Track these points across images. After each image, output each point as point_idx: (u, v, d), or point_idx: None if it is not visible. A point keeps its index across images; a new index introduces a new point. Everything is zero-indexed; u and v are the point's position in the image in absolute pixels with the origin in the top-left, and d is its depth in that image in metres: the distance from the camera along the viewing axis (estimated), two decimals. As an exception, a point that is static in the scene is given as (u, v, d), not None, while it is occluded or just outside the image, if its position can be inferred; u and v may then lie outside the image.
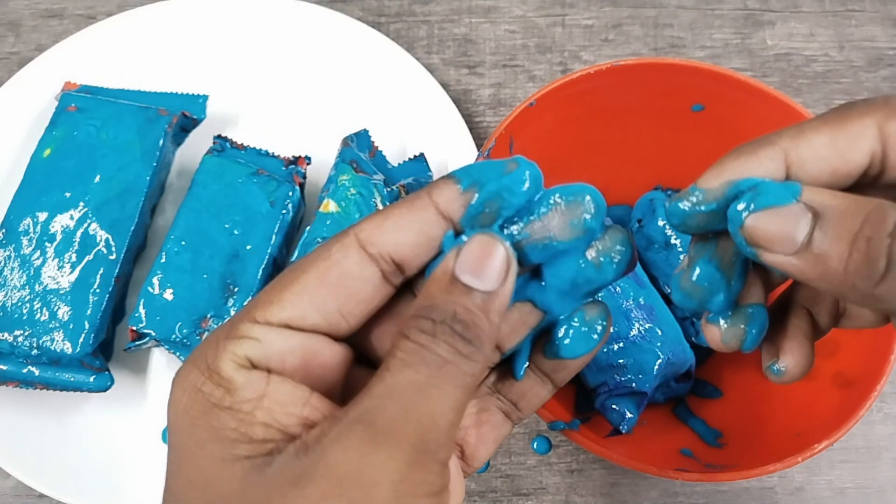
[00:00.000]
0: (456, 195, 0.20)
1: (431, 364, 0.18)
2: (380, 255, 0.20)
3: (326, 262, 0.20)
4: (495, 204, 0.20)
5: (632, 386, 0.37)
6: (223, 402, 0.19)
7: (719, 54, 0.55)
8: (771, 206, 0.19)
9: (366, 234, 0.20)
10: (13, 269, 0.42)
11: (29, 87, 0.50)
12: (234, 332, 0.20)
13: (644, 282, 0.39)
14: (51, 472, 0.42)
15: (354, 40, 0.52)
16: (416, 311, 0.19)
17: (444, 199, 0.21)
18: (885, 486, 0.44)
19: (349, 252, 0.20)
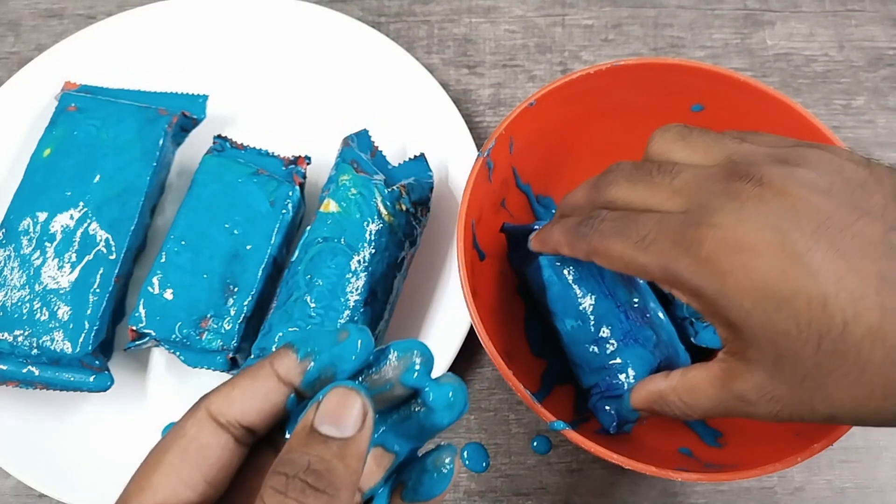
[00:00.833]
0: (294, 363, 0.22)
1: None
2: (229, 424, 0.22)
3: (184, 439, 0.22)
4: (330, 370, 0.22)
5: (624, 388, 0.37)
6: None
7: (719, 54, 0.55)
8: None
9: (215, 406, 0.22)
10: (13, 269, 0.42)
11: (29, 87, 0.50)
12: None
13: (637, 283, 0.39)
14: (51, 472, 0.42)
15: (354, 40, 0.52)
16: (274, 467, 0.20)
17: (283, 368, 0.22)
18: (885, 486, 0.44)
19: (202, 425, 0.22)
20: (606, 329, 0.38)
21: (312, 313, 0.40)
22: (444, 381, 0.24)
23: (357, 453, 0.21)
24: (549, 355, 0.43)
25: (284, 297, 0.41)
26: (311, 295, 0.40)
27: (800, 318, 0.24)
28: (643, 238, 0.27)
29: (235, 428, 0.22)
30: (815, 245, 0.24)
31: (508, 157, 0.41)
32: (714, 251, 0.25)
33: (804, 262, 0.24)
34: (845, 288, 0.23)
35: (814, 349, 0.24)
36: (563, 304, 0.38)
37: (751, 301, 0.25)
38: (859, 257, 0.24)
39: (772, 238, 0.24)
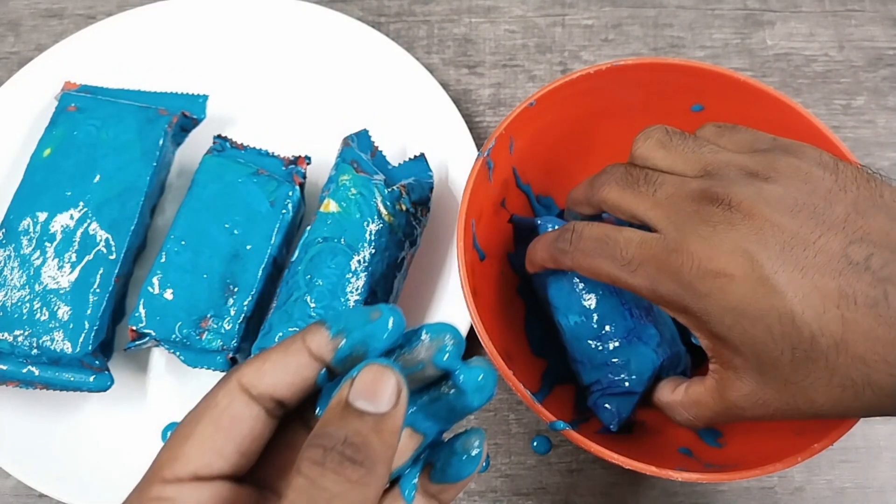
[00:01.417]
0: (326, 340, 0.23)
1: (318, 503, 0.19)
2: (260, 396, 0.22)
3: (216, 410, 0.22)
4: (361, 348, 0.23)
5: (625, 385, 0.37)
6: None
7: (719, 54, 0.55)
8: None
9: (247, 378, 0.22)
10: (13, 269, 0.42)
11: (29, 87, 0.50)
12: (147, 495, 0.20)
13: None
14: (51, 472, 0.42)
15: (354, 40, 0.52)
16: (310, 439, 0.20)
17: (315, 344, 0.23)
18: (886, 486, 0.44)
19: (234, 397, 0.22)
20: (610, 326, 0.38)
21: (312, 313, 0.40)
22: (475, 364, 0.24)
23: (392, 429, 0.21)
24: (549, 355, 0.43)
25: (284, 297, 0.41)
26: (312, 295, 0.40)
27: (773, 332, 0.27)
28: (629, 262, 0.30)
29: (266, 400, 0.22)
30: (781, 267, 0.27)
31: (508, 157, 0.41)
32: (693, 277, 0.28)
33: (772, 283, 0.27)
34: (810, 305, 0.26)
35: (789, 358, 0.27)
36: (567, 299, 0.38)
37: (731, 318, 0.28)
38: (821, 275, 0.26)
39: (742, 263, 0.27)
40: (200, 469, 0.21)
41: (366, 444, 0.20)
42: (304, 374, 0.22)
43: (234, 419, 0.22)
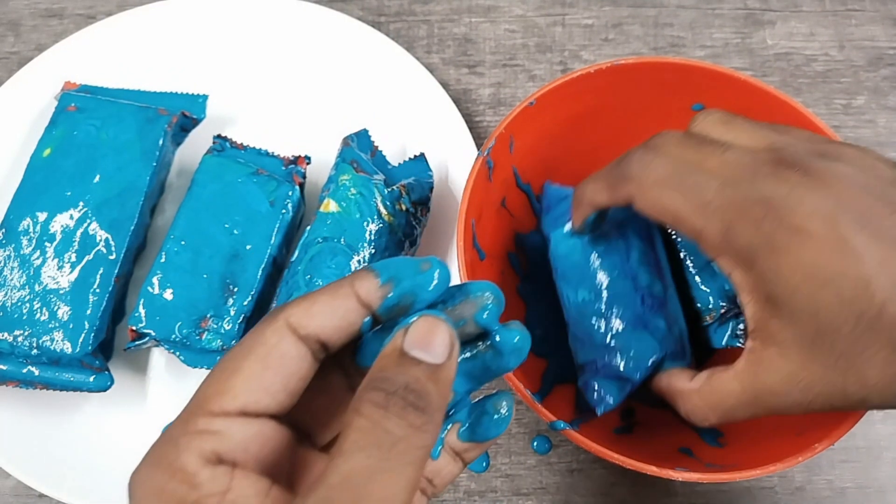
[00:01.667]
0: (375, 287, 0.23)
1: (383, 445, 0.19)
2: (307, 337, 0.22)
3: (264, 347, 0.22)
4: (409, 298, 0.23)
5: (620, 370, 0.36)
6: (188, 497, 0.19)
7: (719, 54, 0.55)
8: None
9: (295, 318, 0.22)
10: (13, 269, 0.42)
11: (29, 87, 0.50)
12: (193, 427, 0.21)
13: (664, 271, 0.39)
14: (51, 472, 0.42)
15: (354, 40, 0.52)
16: (369, 383, 0.20)
17: (363, 290, 0.23)
18: (886, 486, 0.44)
19: (283, 335, 0.22)
20: (618, 308, 0.37)
21: (312, 313, 0.40)
22: (513, 326, 0.24)
23: (447, 379, 0.21)
24: (549, 355, 0.43)
25: (284, 297, 0.41)
26: (311, 295, 0.40)
27: (843, 297, 0.26)
28: (707, 203, 0.28)
29: (312, 342, 0.22)
30: (858, 232, 0.26)
31: (509, 156, 0.41)
32: (774, 229, 0.27)
33: (850, 246, 0.26)
34: (885, 271, 0.26)
35: (852, 326, 0.26)
36: (580, 273, 0.38)
37: (799, 277, 0.27)
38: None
39: (822, 223, 0.26)
40: (248, 405, 0.21)
41: (425, 391, 0.20)
42: (350, 319, 0.22)
43: (283, 358, 0.22)
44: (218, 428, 0.20)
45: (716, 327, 0.43)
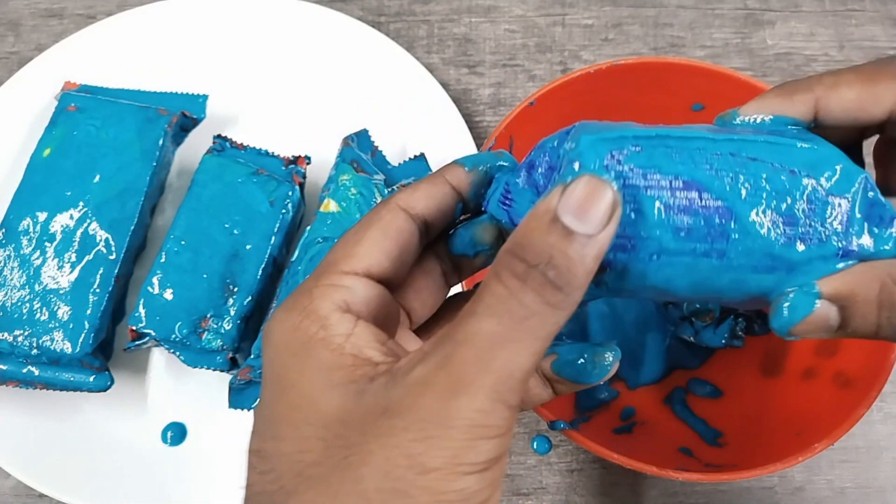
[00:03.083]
0: (464, 173, 0.25)
1: (515, 316, 0.19)
2: (416, 216, 0.25)
3: (382, 221, 0.24)
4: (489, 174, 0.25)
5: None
6: (318, 335, 0.22)
7: (719, 54, 0.55)
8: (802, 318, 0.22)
9: (404, 200, 0.25)
10: (13, 269, 0.42)
11: (29, 87, 0.50)
12: (325, 281, 0.23)
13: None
14: (51, 472, 0.42)
15: (354, 40, 0.52)
16: (511, 248, 0.20)
17: (455, 178, 0.25)
18: (886, 486, 0.44)
19: (396, 213, 0.24)
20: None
21: (312, 313, 0.40)
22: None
23: (598, 255, 0.20)
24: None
25: (284, 297, 0.41)
26: (311, 295, 0.40)
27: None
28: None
29: (419, 220, 0.25)
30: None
31: (508, 156, 0.41)
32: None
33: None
34: None
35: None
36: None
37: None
38: None
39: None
40: (371, 267, 0.23)
41: (569, 268, 0.19)
42: (447, 202, 0.25)
43: (398, 230, 0.24)
44: (347, 284, 0.23)
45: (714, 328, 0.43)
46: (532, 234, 0.20)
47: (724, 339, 0.43)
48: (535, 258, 0.19)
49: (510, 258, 0.20)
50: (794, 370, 0.41)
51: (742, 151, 0.22)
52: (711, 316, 0.42)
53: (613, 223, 0.20)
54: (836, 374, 0.38)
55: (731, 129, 0.24)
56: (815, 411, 0.37)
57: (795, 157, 0.22)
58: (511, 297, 0.19)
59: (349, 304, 0.22)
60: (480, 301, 0.20)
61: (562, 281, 0.19)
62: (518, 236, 0.20)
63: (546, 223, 0.20)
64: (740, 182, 0.22)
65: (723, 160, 0.22)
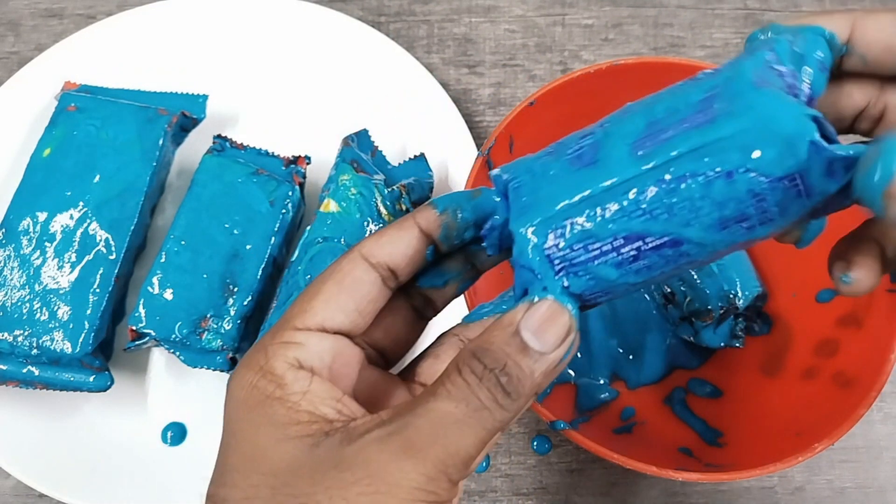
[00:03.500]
0: (434, 216, 0.25)
1: (470, 404, 0.21)
2: (379, 265, 0.25)
3: (340, 273, 0.25)
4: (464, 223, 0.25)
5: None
6: (275, 394, 0.22)
7: (719, 54, 0.55)
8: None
9: (367, 249, 0.25)
10: (13, 269, 0.42)
11: (29, 87, 0.50)
12: (281, 339, 0.24)
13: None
14: (51, 472, 0.42)
15: (354, 40, 0.52)
16: (474, 349, 0.22)
17: (424, 221, 0.25)
18: (886, 486, 0.44)
19: (356, 263, 0.25)
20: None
21: (312, 313, 0.40)
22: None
23: (546, 371, 0.22)
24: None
25: (284, 297, 0.41)
26: (311, 295, 0.40)
27: None
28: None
29: (383, 269, 0.25)
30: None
31: (508, 156, 0.41)
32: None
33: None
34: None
35: None
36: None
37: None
38: None
39: None
40: (325, 321, 0.24)
41: (519, 380, 0.22)
42: (415, 247, 0.25)
43: (356, 281, 0.24)
44: (300, 340, 0.23)
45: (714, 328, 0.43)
46: (494, 341, 0.22)
47: (724, 339, 0.43)
48: (492, 363, 0.22)
49: (471, 358, 0.22)
50: (794, 370, 0.41)
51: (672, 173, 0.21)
52: (711, 316, 0.42)
53: (565, 346, 0.22)
54: (836, 374, 0.38)
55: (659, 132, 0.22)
56: (815, 411, 0.37)
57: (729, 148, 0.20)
58: (468, 389, 0.21)
59: (302, 361, 0.23)
60: (442, 385, 0.22)
61: (510, 388, 0.21)
62: (482, 340, 0.22)
63: (508, 334, 0.22)
64: (678, 212, 0.21)
65: (654, 198, 0.21)
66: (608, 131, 0.23)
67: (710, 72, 0.23)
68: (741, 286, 0.42)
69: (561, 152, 0.24)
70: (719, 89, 0.21)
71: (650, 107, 0.23)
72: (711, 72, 0.23)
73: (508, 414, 0.22)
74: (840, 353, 0.39)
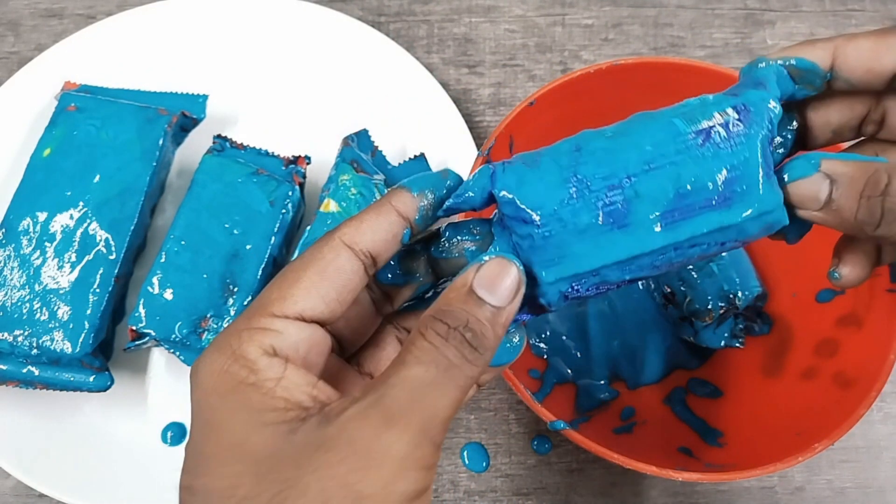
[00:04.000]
0: (410, 199, 0.25)
1: (440, 365, 0.22)
2: (362, 252, 0.25)
3: (322, 262, 0.24)
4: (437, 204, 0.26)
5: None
6: (248, 379, 0.22)
7: (719, 54, 0.55)
8: (800, 177, 0.25)
9: (347, 236, 0.25)
10: (13, 269, 0.42)
11: (29, 87, 0.50)
12: (256, 324, 0.23)
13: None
14: (51, 472, 0.42)
15: (354, 40, 0.52)
16: (434, 313, 0.23)
17: (401, 204, 0.25)
18: (886, 486, 0.44)
19: (339, 252, 0.24)
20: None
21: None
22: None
23: (504, 323, 0.24)
24: (549, 355, 0.43)
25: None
26: (311, 295, 0.40)
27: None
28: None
29: (366, 256, 0.25)
30: None
31: (508, 156, 0.41)
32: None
33: None
34: None
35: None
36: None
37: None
38: None
39: None
40: (305, 310, 0.24)
41: (482, 333, 0.23)
42: (394, 231, 0.25)
43: (339, 271, 0.24)
44: (278, 328, 0.23)
45: (714, 328, 0.43)
46: (452, 302, 0.23)
47: (724, 339, 0.43)
48: (454, 322, 0.23)
49: (433, 321, 0.23)
50: (794, 370, 0.41)
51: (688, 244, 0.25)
52: (711, 316, 0.42)
53: (518, 297, 0.24)
54: (836, 374, 0.38)
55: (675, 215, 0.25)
56: (815, 411, 0.37)
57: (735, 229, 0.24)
58: (436, 351, 0.22)
59: (277, 349, 0.23)
60: (409, 353, 0.22)
61: (476, 342, 0.23)
62: (440, 303, 0.23)
63: (464, 294, 0.23)
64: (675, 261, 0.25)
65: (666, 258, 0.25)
66: (638, 190, 0.24)
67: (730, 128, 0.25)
68: (741, 286, 0.42)
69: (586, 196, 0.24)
70: (739, 172, 0.24)
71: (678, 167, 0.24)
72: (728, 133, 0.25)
73: (477, 368, 0.23)
74: (840, 353, 0.39)
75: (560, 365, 0.43)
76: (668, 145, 0.25)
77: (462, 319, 0.23)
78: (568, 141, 0.26)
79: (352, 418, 0.21)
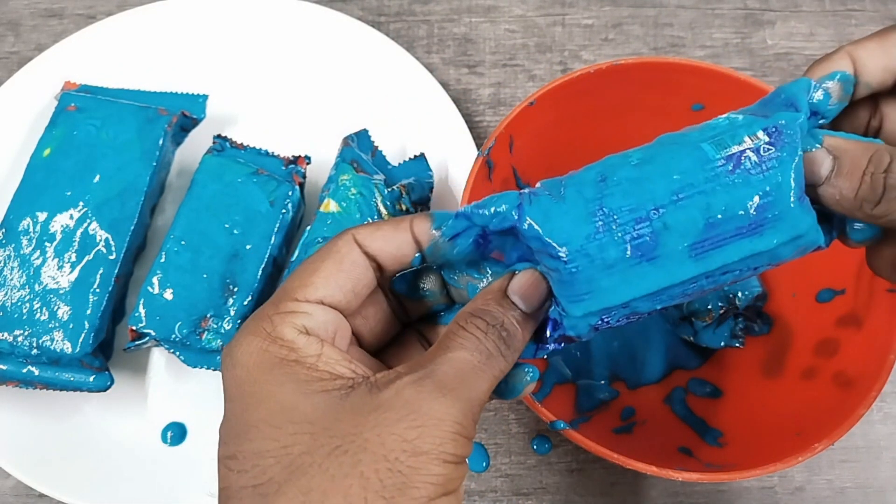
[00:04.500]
0: (428, 228, 0.27)
1: (483, 353, 0.24)
2: (368, 254, 0.26)
3: (339, 255, 0.26)
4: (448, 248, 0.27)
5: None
6: (290, 356, 0.24)
7: (719, 54, 0.55)
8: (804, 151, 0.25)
9: (360, 236, 0.26)
10: (13, 269, 0.42)
11: (29, 87, 0.50)
12: (285, 308, 0.25)
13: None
14: (51, 472, 0.42)
15: (354, 40, 0.52)
16: (473, 311, 0.25)
17: (419, 229, 0.27)
18: (886, 486, 0.44)
19: (353, 247, 0.26)
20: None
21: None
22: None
23: (531, 328, 0.26)
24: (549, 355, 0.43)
25: (284, 297, 0.41)
26: (311, 295, 0.40)
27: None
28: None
29: (372, 259, 0.26)
30: None
31: (508, 156, 0.41)
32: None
33: None
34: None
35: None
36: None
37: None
38: None
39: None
40: (325, 297, 0.25)
41: (514, 334, 0.25)
42: (403, 251, 0.27)
43: (353, 264, 0.26)
44: (305, 310, 0.25)
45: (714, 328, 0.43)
46: (489, 303, 0.25)
47: (724, 339, 0.43)
48: (492, 320, 0.25)
49: (473, 317, 0.25)
50: (794, 370, 0.41)
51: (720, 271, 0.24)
52: (711, 316, 0.42)
53: (544, 308, 0.26)
54: (836, 374, 0.38)
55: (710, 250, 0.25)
56: (815, 411, 0.37)
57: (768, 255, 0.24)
58: (479, 341, 0.24)
59: (309, 329, 0.24)
60: (452, 340, 0.24)
61: (510, 340, 0.25)
62: (478, 303, 0.26)
63: (499, 297, 0.26)
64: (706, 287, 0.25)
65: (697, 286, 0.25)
66: (666, 222, 0.24)
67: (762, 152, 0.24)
68: (741, 286, 0.42)
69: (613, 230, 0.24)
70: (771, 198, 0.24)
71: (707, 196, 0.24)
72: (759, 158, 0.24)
73: (508, 364, 0.25)
74: (840, 353, 0.39)
75: (560, 365, 0.43)
76: (696, 173, 0.24)
77: (499, 319, 0.25)
78: (592, 168, 0.26)
79: (407, 384, 0.23)
